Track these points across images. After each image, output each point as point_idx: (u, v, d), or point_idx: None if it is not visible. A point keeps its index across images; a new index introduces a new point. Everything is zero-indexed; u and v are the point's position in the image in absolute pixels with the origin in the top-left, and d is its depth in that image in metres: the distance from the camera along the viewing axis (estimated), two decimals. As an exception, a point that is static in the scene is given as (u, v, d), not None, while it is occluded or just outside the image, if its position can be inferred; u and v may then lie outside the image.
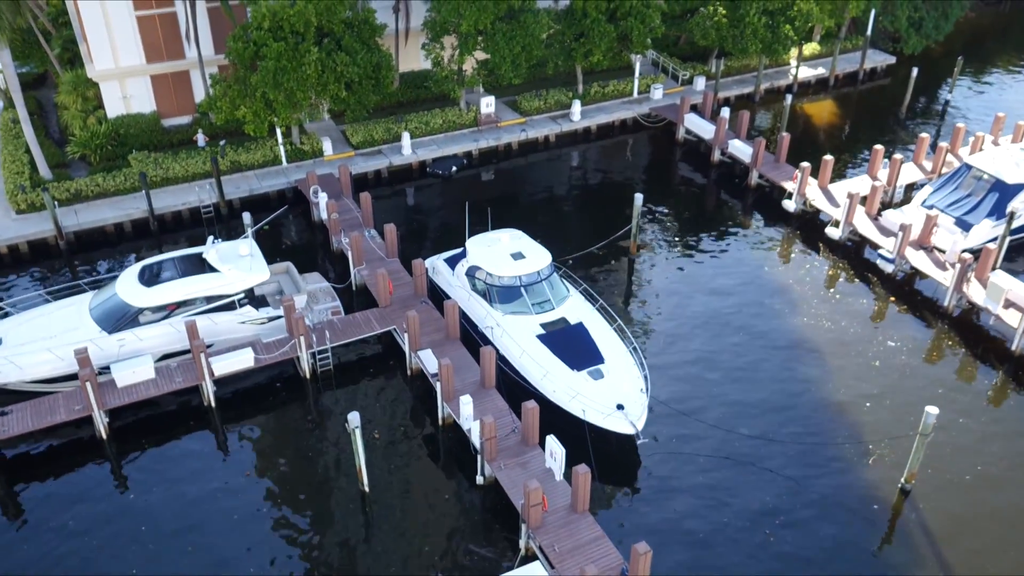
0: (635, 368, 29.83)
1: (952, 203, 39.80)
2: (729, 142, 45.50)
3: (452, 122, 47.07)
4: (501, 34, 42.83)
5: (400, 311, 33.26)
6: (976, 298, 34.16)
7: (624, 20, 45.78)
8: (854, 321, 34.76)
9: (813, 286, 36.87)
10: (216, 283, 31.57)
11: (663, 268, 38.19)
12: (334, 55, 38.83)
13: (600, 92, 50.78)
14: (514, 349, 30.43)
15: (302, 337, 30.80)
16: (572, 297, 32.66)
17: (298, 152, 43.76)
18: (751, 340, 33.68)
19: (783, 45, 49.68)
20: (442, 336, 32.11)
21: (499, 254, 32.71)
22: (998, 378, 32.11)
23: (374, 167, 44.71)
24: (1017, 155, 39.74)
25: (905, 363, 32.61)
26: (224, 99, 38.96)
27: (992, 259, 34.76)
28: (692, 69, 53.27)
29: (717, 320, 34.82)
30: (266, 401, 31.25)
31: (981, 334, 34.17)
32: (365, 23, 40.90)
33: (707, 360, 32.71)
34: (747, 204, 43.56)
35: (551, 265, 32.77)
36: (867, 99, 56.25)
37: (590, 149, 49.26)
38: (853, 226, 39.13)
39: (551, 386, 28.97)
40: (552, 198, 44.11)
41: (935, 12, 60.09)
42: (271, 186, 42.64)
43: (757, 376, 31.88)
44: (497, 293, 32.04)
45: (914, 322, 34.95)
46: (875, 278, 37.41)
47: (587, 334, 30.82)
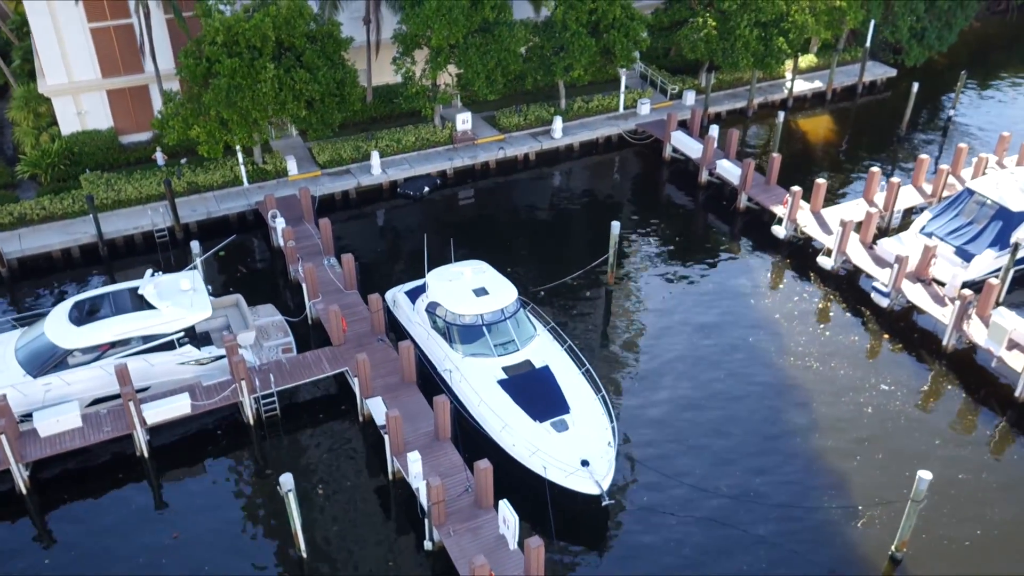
0: (603, 418, 27.39)
1: (952, 231, 37.27)
2: (717, 162, 43.01)
3: (426, 139, 44.68)
4: (474, 48, 40.42)
5: (355, 350, 30.86)
6: (977, 338, 31.63)
7: (607, 33, 43.31)
8: (845, 361, 32.25)
9: (802, 321, 34.37)
10: (153, 321, 29.23)
11: (642, 300, 35.72)
12: (293, 72, 36.44)
13: (584, 107, 48.34)
14: (472, 396, 28.01)
15: (243, 381, 28.41)
16: (539, 337, 30.23)
17: (261, 172, 41.42)
18: (733, 383, 31.19)
19: (776, 59, 47.17)
20: (398, 379, 29.71)
21: (460, 290, 30.29)
22: (1000, 427, 29.58)
23: (341, 188, 42.34)
24: (1022, 180, 37.18)
25: (899, 410, 30.09)
26: (176, 118, 36.60)
27: (994, 295, 32.23)
28: (681, 83, 50.79)
29: (697, 360, 32.34)
30: (205, 450, 28.88)
31: (983, 377, 31.63)
32: (329, 37, 38.53)
33: (684, 406, 30.23)
34: (736, 229, 41.06)
35: (517, 301, 30.35)
36: (866, 114, 53.70)
37: (572, 168, 46.81)
38: (846, 255, 36.62)
39: (510, 439, 26.56)
40: (528, 222, 41.66)
41: (938, 22, 57.52)
42: (230, 208, 40.29)
43: (738, 425, 29.38)
44: (457, 333, 29.62)
45: (910, 362, 32.44)
46: (869, 312, 34.89)
47: (553, 379, 28.39)
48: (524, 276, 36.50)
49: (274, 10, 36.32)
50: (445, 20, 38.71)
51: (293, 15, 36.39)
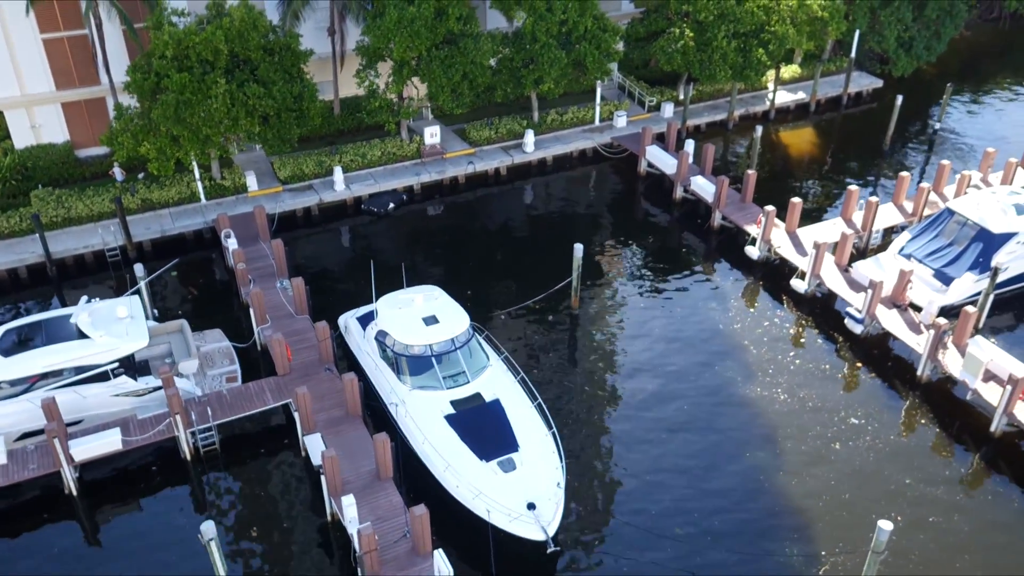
0: (553, 456, 26.02)
1: (932, 252, 35.87)
2: (691, 179, 41.61)
3: (392, 154, 43.34)
4: (438, 61, 39.05)
5: (300, 381, 29.52)
6: (952, 368, 30.22)
7: (578, 45, 41.93)
8: (814, 392, 30.85)
9: (771, 348, 32.97)
10: (85, 351, 27.89)
11: (606, 325, 34.33)
12: (246, 87, 35.10)
13: (558, 120, 46.99)
14: (417, 433, 26.65)
15: (179, 415, 27.07)
16: (491, 367, 28.85)
17: (219, 188, 40.10)
18: (695, 416, 29.79)
19: (756, 70, 45.75)
20: (343, 412, 28.36)
21: (410, 318, 28.93)
22: (974, 464, 28.15)
23: (303, 204, 41.01)
24: (1004, 200, 35.77)
25: (869, 445, 28.68)
26: (125, 134, 35.28)
27: (971, 323, 30.80)
28: (660, 95, 49.40)
29: (658, 390, 30.94)
30: (139, 486, 27.54)
31: (958, 409, 30.20)
32: (287, 49, 37.19)
33: (642, 440, 28.83)
34: (709, 249, 39.66)
35: (469, 330, 28.98)
36: (850, 127, 52.29)
37: (545, 183, 45.42)
38: (820, 278, 35.21)
39: (454, 480, 25.18)
40: (494, 240, 40.25)
41: (927, 31, 56.07)
42: (186, 226, 38.97)
43: (697, 461, 27.97)
44: (405, 364, 28.26)
45: (883, 393, 31.02)
46: (842, 339, 33.48)
47: (503, 414, 27.02)
48: (486, 299, 35.19)
49: (227, 22, 35.01)
50: (407, 33, 37.36)
51: (247, 28, 35.08)
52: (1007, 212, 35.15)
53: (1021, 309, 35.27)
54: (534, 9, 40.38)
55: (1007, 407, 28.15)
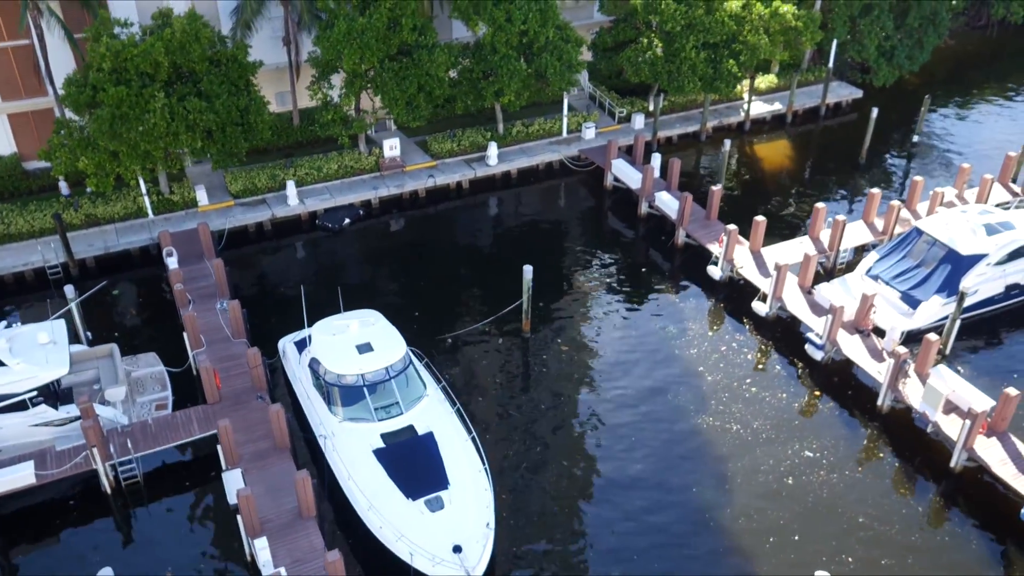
0: (485, 494, 24.75)
1: (899, 274, 34.56)
2: (656, 194, 40.30)
3: (349, 167, 42.09)
4: (391, 73, 37.78)
5: (230, 410, 28.30)
6: (912, 399, 28.88)
7: (539, 56, 40.64)
8: (768, 422, 29.52)
9: (727, 374, 31.64)
10: (1, 379, 26.68)
11: (559, 350, 33.00)
12: (186, 101, 33.87)
13: (523, 132, 45.70)
14: (343, 468, 25.40)
15: (96, 448, 25.83)
16: (428, 398, 27.58)
17: (167, 203, 38.87)
18: (640, 451, 28.43)
19: (726, 82, 44.41)
20: (270, 444, 27.12)
21: (343, 345, 27.70)
22: (932, 502, 26.81)
23: (255, 219, 39.77)
24: (975, 219, 34.41)
25: (823, 480, 27.34)
26: (63, 148, 34.08)
27: (933, 352, 29.45)
28: (630, 105, 48.09)
29: (604, 422, 29.60)
30: (57, 521, 26.30)
31: (919, 442, 28.83)
32: (233, 61, 35.96)
33: (581, 476, 27.51)
34: (673, 268, 38.34)
35: (405, 358, 27.71)
36: (828, 139, 50.94)
37: (508, 197, 44.14)
38: (782, 301, 33.89)
39: (377, 520, 23.92)
40: (451, 257, 38.95)
41: (909, 40, 54.72)
42: (132, 242, 37.75)
43: (641, 498, 26.64)
44: (337, 393, 27.02)
45: (841, 424, 29.68)
46: (802, 366, 32.15)
47: (435, 449, 25.75)
48: (435, 320, 33.94)
49: (168, 34, 33.80)
50: (357, 44, 36.10)
51: (189, 39, 33.83)
52: (977, 233, 33.81)
53: (992, 334, 33.88)
54: (493, 19, 39.11)
55: (967, 442, 26.83)
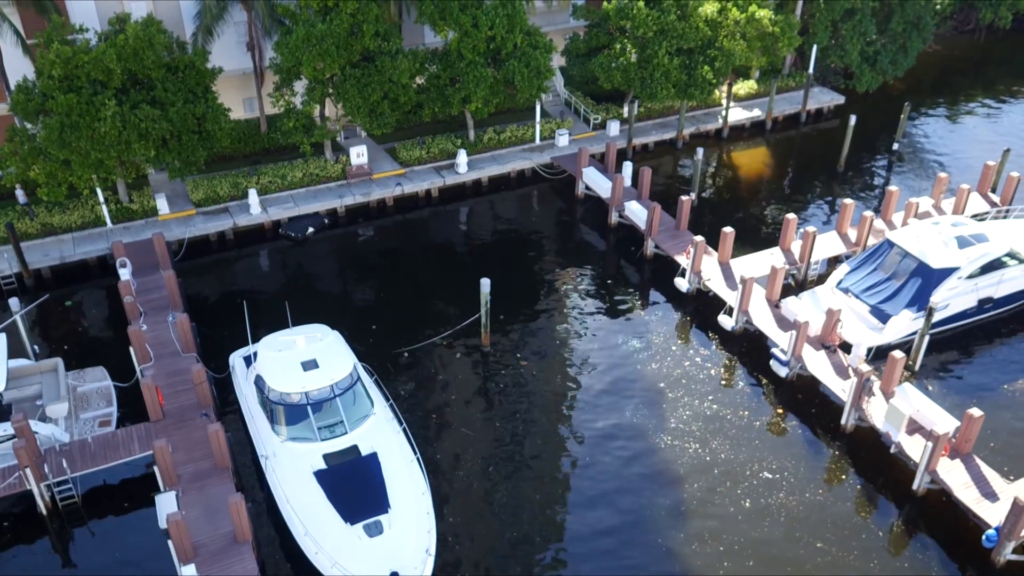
0: (427, 519, 23.96)
1: (869, 287, 33.73)
2: (625, 204, 39.50)
3: (315, 175, 41.30)
4: (353, 80, 37.00)
5: (174, 428, 27.54)
6: (875, 419, 28.05)
7: (507, 63, 39.84)
8: (728, 442, 28.69)
9: (689, 391, 30.81)
10: (-66, 397, 25.99)
11: (518, 365, 32.16)
12: (139, 109, 33.11)
13: (495, 139, 44.90)
14: (281, 490, 24.63)
15: (28, 468, 25.07)
16: (374, 416, 26.78)
17: (126, 211, 38.12)
18: (593, 473, 27.59)
19: (700, 88, 43.59)
20: (212, 465, 26.34)
21: (287, 362, 26.92)
22: (894, 526, 25.97)
23: (217, 228, 39.00)
24: (947, 232, 33.55)
25: (782, 503, 26.52)
26: (14, 156, 33.35)
27: (899, 369, 28.60)
28: (605, 112, 47.28)
29: (559, 443, 28.76)
30: (-11, 543, 25.58)
31: (882, 463, 27.95)
32: (191, 67, 35.22)
33: (530, 500, 26.67)
34: (641, 279, 37.52)
35: (352, 375, 26.91)
36: (808, 146, 50.10)
37: (478, 205, 43.33)
38: (748, 315, 33.07)
39: (313, 546, 23.13)
40: (414, 267, 38.10)
41: (893, 45, 53.89)
42: (89, 252, 36.99)
43: (589, 523, 25.81)
44: (281, 412, 26.24)
45: (804, 444, 28.85)
46: (767, 383, 31.33)
47: (378, 471, 24.96)
48: (393, 334, 33.16)
49: (122, 40, 33.06)
50: (316, 51, 35.34)
51: (142, 46, 33.08)
52: (948, 245, 32.96)
53: (964, 350, 33.04)
54: (460, 24, 38.34)
55: (929, 464, 25.99)
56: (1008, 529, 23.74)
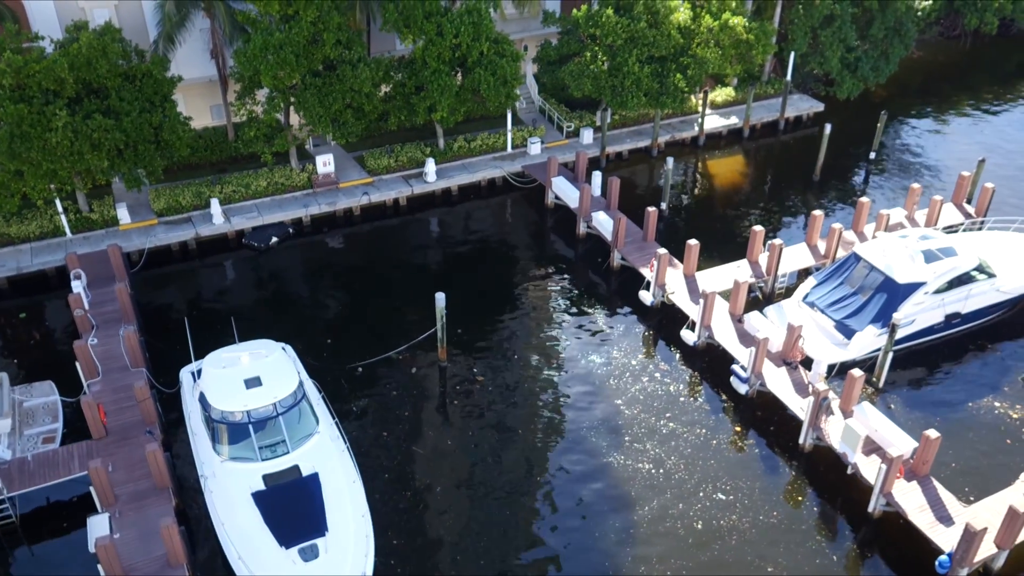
0: (366, 542, 23.41)
1: (835, 302, 33.15)
2: (593, 214, 38.94)
3: (280, 184, 40.78)
4: (313, 90, 36.47)
5: (118, 445, 27.03)
6: (832, 439, 27.45)
7: (473, 71, 39.30)
8: (683, 461, 28.09)
9: (647, 408, 30.22)
10: None
11: (472, 381, 31.57)
12: (91, 119, 32.61)
13: (465, 147, 44.34)
14: (218, 511, 24.09)
15: (-38, 488, 24.62)
16: (319, 435, 26.22)
17: (86, 221, 37.63)
18: (542, 490, 27.03)
19: (673, 97, 43.01)
20: (151, 484, 25.81)
21: (230, 380, 26.37)
22: (849, 550, 25.37)
23: (179, 238, 38.50)
24: (914, 246, 32.92)
25: (735, 525, 25.93)
26: (-35, 167, 32.92)
27: (858, 388, 28.00)
28: (578, 120, 46.72)
29: (510, 461, 28.18)
30: (-76, 564, 25.07)
31: (840, 484, 27.33)
32: (148, 76, 34.71)
33: (477, 520, 26.10)
34: (607, 292, 36.94)
35: (296, 393, 26.33)
36: (785, 155, 49.49)
37: (447, 214, 42.78)
38: (710, 330, 32.48)
39: (246, 570, 22.59)
40: (377, 278, 37.44)
41: (874, 52, 53.28)
42: (47, 263, 36.47)
43: (534, 549, 25.22)
44: (222, 431, 25.69)
45: (761, 464, 28.24)
46: (727, 400, 30.73)
47: (318, 492, 24.40)
48: (347, 348, 32.61)
49: (75, 48, 32.57)
50: (274, 60, 34.81)
51: (95, 55, 32.58)
52: (915, 260, 32.35)
53: (931, 366, 32.41)
54: (424, 32, 37.80)
55: (884, 486, 25.39)
56: (960, 555, 23.15)
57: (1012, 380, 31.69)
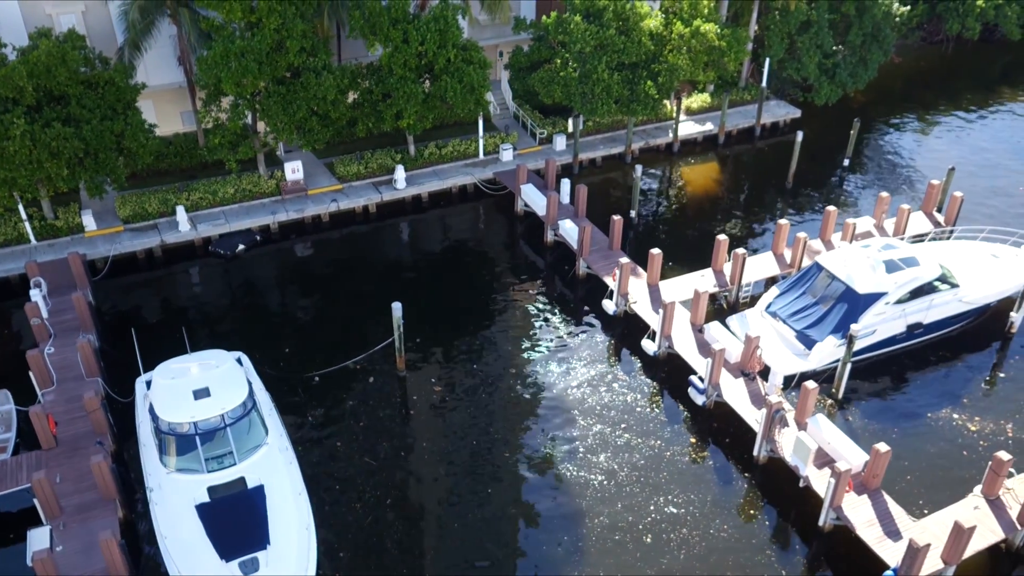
0: (309, 555, 23.30)
1: (797, 312, 33.02)
2: (560, 222, 38.82)
3: (247, 191, 40.68)
4: (276, 97, 36.36)
5: (67, 456, 26.93)
6: (785, 451, 27.30)
7: (440, 78, 39.19)
8: (636, 473, 27.96)
9: (603, 419, 30.07)
10: None
11: (432, 391, 31.44)
12: (50, 127, 32.52)
13: (436, 154, 44.23)
14: (159, 524, 23.99)
15: (-96, 500, 24.52)
16: (267, 447, 26.09)
17: (51, 228, 37.55)
18: (494, 503, 26.91)
19: (643, 104, 42.87)
20: (98, 496, 25.71)
21: (179, 390, 26.24)
22: (800, 565, 25.22)
23: (144, 245, 38.40)
24: (876, 256, 32.74)
25: (684, 539, 25.78)
26: (-77, 175, 32.85)
27: (811, 399, 27.83)
28: (551, 126, 46.59)
29: (462, 472, 28.04)
30: None
31: (793, 497, 27.17)
32: (110, 84, 34.63)
33: (425, 534, 25.98)
34: (573, 300, 36.76)
35: (245, 404, 26.18)
36: (760, 161, 49.31)
37: (417, 222, 42.64)
38: (670, 340, 32.34)
39: (184, 585, 22.52)
40: (342, 286, 37.25)
41: (853, 58, 53.13)
42: (10, 270, 36.33)
43: (479, 566, 25.08)
44: (170, 442, 25.57)
45: (715, 477, 28.10)
46: (685, 411, 30.59)
47: (262, 504, 24.28)
48: (306, 357, 32.49)
49: (35, 56, 32.50)
50: (236, 67, 34.70)
51: (54, 62, 32.50)
52: (876, 270, 32.18)
53: (892, 377, 32.25)
54: (390, 39, 37.70)
55: (833, 500, 25.23)
56: (905, 571, 22.99)
57: (973, 391, 31.53)
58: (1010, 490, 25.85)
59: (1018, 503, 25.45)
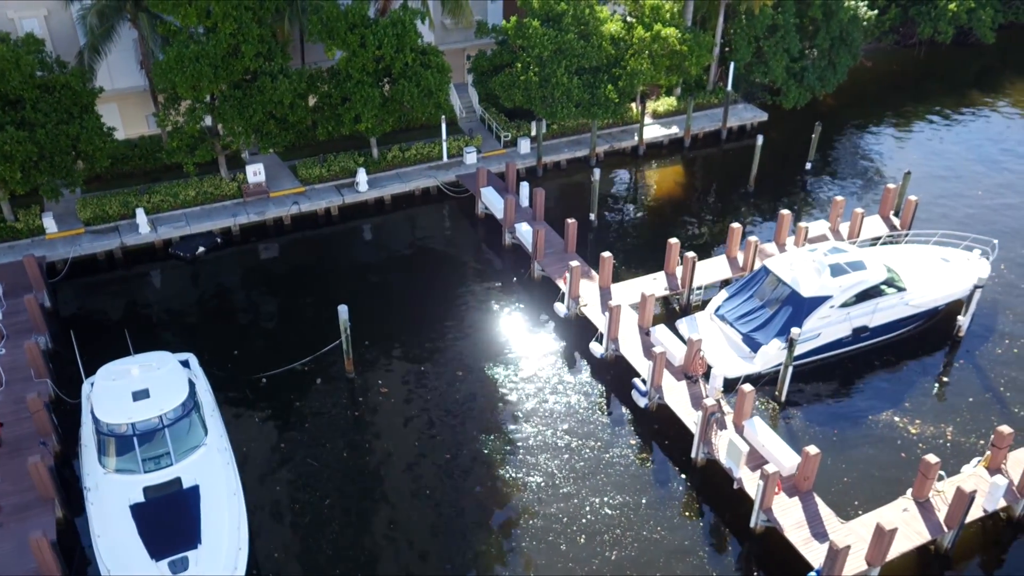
0: (240, 555, 23.60)
1: (744, 315, 33.31)
2: (516, 225, 39.11)
3: (209, 193, 40.99)
4: (232, 102, 36.66)
5: (9, 457, 27.24)
6: (719, 454, 27.59)
7: (398, 82, 39.49)
8: (574, 474, 28.23)
9: (546, 421, 30.34)
10: None
11: (376, 396, 31.64)
12: (3, 130, 32.84)
13: (400, 156, 44.53)
14: (95, 524, 24.30)
15: None
16: (205, 447, 26.37)
17: (11, 230, 37.86)
18: (429, 503, 27.18)
19: (604, 108, 43.17)
20: (36, 497, 26.02)
21: (118, 392, 26.55)
22: (731, 566, 25.49)
23: (104, 247, 38.72)
24: (822, 259, 32.99)
25: (617, 540, 26.06)
26: None
27: (748, 402, 28.13)
28: (515, 129, 46.89)
29: (400, 474, 28.31)
30: None
31: (728, 499, 27.38)
32: (66, 87, 34.95)
33: (359, 536, 26.26)
34: (527, 303, 37.01)
35: (184, 405, 26.49)
36: (725, 165, 49.58)
37: (379, 224, 42.94)
38: (617, 343, 32.64)
39: (113, 583, 22.81)
40: (297, 288, 37.54)
41: (821, 61, 53.40)
42: (-32, 272, 36.79)
43: (413, 566, 25.38)
44: (109, 443, 25.87)
45: (652, 479, 28.36)
46: (628, 414, 30.87)
47: (196, 504, 24.58)
48: (255, 359, 32.77)
49: (-10, 61, 32.85)
50: (190, 72, 35.02)
51: (8, 66, 32.82)
52: (821, 273, 32.45)
53: (837, 380, 32.50)
54: (347, 44, 38.00)
55: (763, 502, 25.52)
56: (827, 572, 23.25)
57: (916, 395, 31.80)
58: (940, 492, 26.12)
59: (947, 505, 25.70)
